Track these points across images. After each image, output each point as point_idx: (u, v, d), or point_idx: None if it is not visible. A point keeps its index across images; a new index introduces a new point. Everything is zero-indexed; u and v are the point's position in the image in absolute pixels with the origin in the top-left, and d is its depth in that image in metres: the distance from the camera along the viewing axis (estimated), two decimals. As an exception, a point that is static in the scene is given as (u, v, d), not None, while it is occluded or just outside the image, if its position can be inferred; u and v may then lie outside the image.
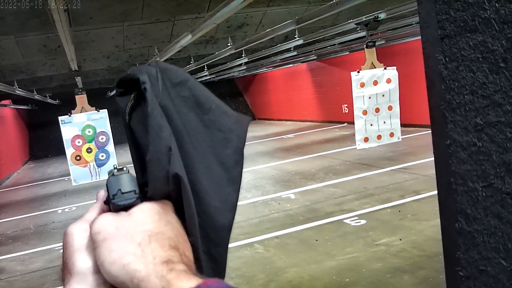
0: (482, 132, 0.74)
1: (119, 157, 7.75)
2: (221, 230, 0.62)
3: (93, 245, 0.52)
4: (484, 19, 0.74)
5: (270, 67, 16.73)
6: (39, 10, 4.17)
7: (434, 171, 0.84)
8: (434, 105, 0.84)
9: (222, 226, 0.62)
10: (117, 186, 0.54)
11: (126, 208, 0.54)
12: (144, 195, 0.56)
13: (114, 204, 0.54)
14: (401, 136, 7.14)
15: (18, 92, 9.69)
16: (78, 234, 0.55)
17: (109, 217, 0.53)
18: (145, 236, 0.51)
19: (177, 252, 0.51)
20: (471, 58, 0.77)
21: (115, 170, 0.56)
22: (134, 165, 0.62)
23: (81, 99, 7.49)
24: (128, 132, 0.62)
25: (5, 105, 16.17)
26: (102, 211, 0.57)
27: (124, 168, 0.56)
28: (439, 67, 0.81)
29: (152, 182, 0.56)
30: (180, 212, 0.57)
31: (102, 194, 0.60)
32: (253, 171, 11.11)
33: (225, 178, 0.62)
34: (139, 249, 0.50)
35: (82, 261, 0.53)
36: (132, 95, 0.61)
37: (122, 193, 0.54)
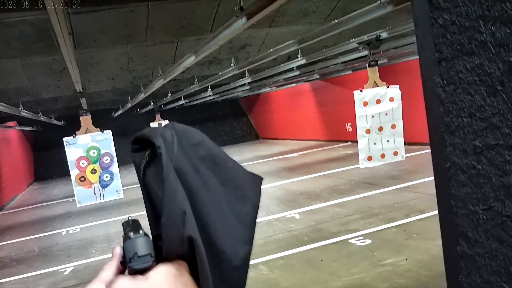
0: (481, 154, 0.74)
1: (123, 178, 7.77)
2: (237, 287, 0.63)
3: None
4: (481, 42, 0.75)
5: (273, 86, 16.81)
6: (44, 34, 4.22)
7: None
8: (433, 127, 0.84)
9: (238, 284, 0.64)
10: (134, 249, 0.56)
11: (143, 271, 0.55)
12: (159, 251, 0.58)
13: (130, 268, 0.56)
14: (405, 154, 7.12)
15: (23, 114, 9.76)
16: None
17: (127, 281, 0.55)
18: None
19: None
20: (468, 81, 0.78)
21: (131, 233, 0.57)
22: (148, 218, 0.64)
23: (86, 120, 7.54)
24: (142, 186, 0.65)
25: (10, 127, 16.26)
26: (118, 271, 0.59)
27: (140, 231, 0.58)
28: (437, 90, 0.82)
29: (166, 244, 0.58)
30: (195, 272, 0.59)
31: (118, 251, 0.61)
32: (257, 191, 11.06)
33: (243, 236, 0.64)
34: None
35: None
36: (147, 153, 0.64)
37: (139, 256, 0.55)
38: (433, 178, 0.85)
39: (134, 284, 0.54)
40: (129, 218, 0.63)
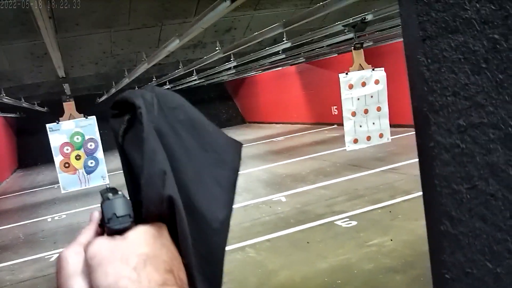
0: (465, 133, 0.74)
1: (108, 164, 7.71)
2: (216, 250, 0.63)
3: (88, 269, 0.52)
4: (465, 20, 0.74)
5: (259, 70, 16.74)
6: (23, 17, 4.14)
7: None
8: (416, 107, 0.84)
9: (218, 247, 0.63)
10: (112, 210, 0.55)
11: (121, 231, 0.54)
12: (138, 216, 0.56)
13: (109, 228, 0.55)
14: (390, 136, 7.16)
15: (5, 100, 9.61)
16: (73, 258, 0.55)
17: (104, 241, 0.54)
18: (140, 259, 0.51)
19: (172, 275, 0.52)
20: (452, 59, 0.77)
21: (110, 194, 0.57)
22: (127, 185, 0.63)
23: (69, 106, 7.45)
24: (121, 153, 0.64)
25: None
26: (96, 234, 0.58)
27: (119, 192, 0.57)
28: (421, 68, 0.81)
29: (146, 205, 0.56)
30: (174, 234, 0.57)
31: (96, 215, 0.60)
32: (244, 174, 11.10)
33: (222, 199, 0.64)
34: (135, 273, 0.50)
35: (78, 286, 0.52)
36: (126, 118, 0.62)
37: (117, 217, 0.54)
38: (418, 159, 0.84)
39: (111, 243, 0.53)
40: (107, 185, 0.62)
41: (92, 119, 7.31)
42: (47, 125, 7.18)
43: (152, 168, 0.56)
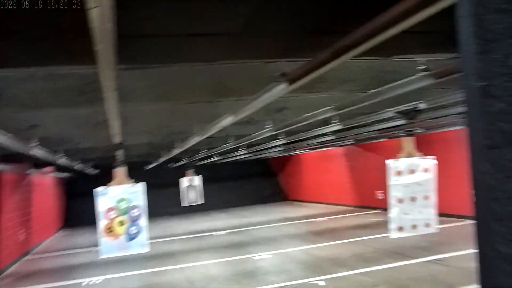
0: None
1: (150, 231, 7.77)
2: None
3: None
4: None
5: (306, 149, 16.86)
6: (91, 87, 4.40)
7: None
8: (479, 214, 0.84)
9: None
10: None
11: None
12: None
13: None
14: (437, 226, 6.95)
15: (61, 161, 10.01)
16: None
17: None
18: None
19: None
20: (519, 170, 0.78)
21: None
22: None
23: (120, 171, 7.67)
24: None
25: (46, 173, 16.66)
26: None
27: None
28: (485, 176, 0.82)
29: None
30: None
31: None
32: (281, 254, 10.91)
33: None
34: None
35: None
36: None
37: None
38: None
39: None
40: None
41: (141, 186, 7.48)
42: (96, 189, 7.38)
43: None
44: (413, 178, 6.63)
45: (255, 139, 8.69)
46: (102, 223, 7.39)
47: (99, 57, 2.68)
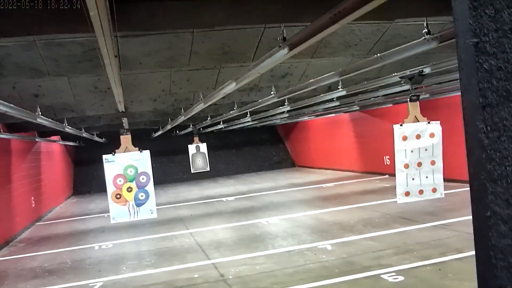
0: (524, 206, 0.72)
1: (157, 197, 7.85)
2: None
3: None
4: (528, 90, 0.73)
5: (312, 115, 16.79)
6: (91, 54, 4.37)
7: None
8: (474, 173, 0.82)
9: None
10: None
11: None
12: None
13: None
14: (444, 191, 6.94)
15: (67, 129, 10.06)
16: None
17: None
18: None
19: None
20: (513, 128, 0.76)
21: None
22: None
23: (126, 139, 7.69)
24: None
25: (53, 141, 16.78)
26: None
27: None
28: (479, 135, 0.80)
29: None
30: None
31: None
32: (290, 219, 11.00)
33: None
34: None
35: None
36: None
37: None
38: (471, 219, 0.82)
39: None
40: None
41: (146, 154, 7.51)
42: (104, 156, 7.43)
43: None
44: (419, 143, 6.58)
45: (260, 106, 8.65)
46: (110, 190, 7.47)
47: (94, 24, 2.63)
